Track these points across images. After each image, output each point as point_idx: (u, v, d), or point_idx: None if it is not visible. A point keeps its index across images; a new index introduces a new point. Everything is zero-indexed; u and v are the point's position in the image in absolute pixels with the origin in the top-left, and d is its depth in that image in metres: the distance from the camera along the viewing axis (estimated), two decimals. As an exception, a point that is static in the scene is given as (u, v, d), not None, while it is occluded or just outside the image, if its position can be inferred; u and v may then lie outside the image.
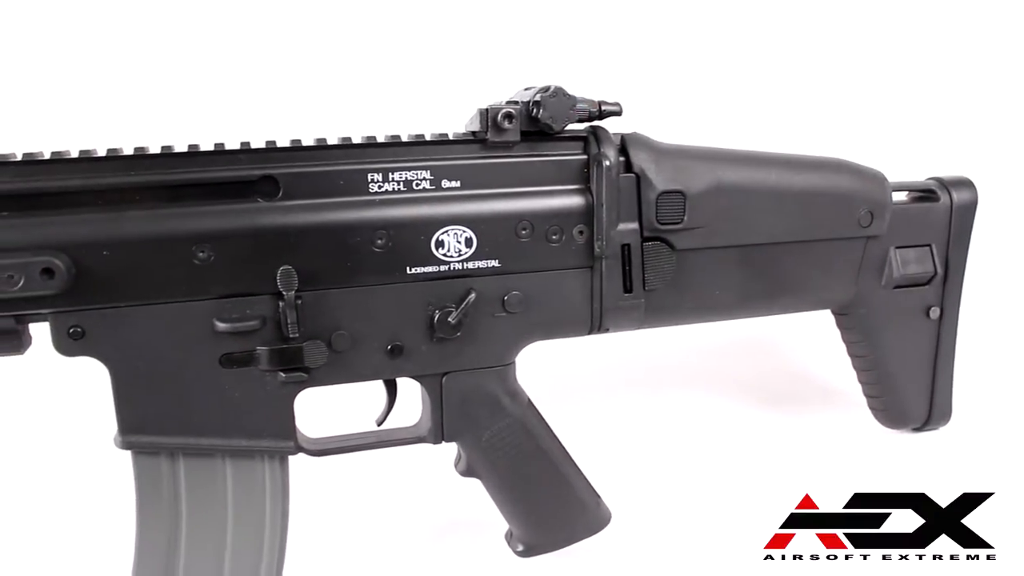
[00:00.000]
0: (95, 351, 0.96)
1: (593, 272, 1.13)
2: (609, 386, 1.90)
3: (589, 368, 1.95)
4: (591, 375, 1.94)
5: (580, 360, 1.92)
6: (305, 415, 1.08)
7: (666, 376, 1.94)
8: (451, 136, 1.07)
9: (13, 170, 0.92)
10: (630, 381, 1.92)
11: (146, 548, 1.02)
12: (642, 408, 1.80)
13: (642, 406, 1.81)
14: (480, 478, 1.19)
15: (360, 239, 1.01)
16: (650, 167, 1.14)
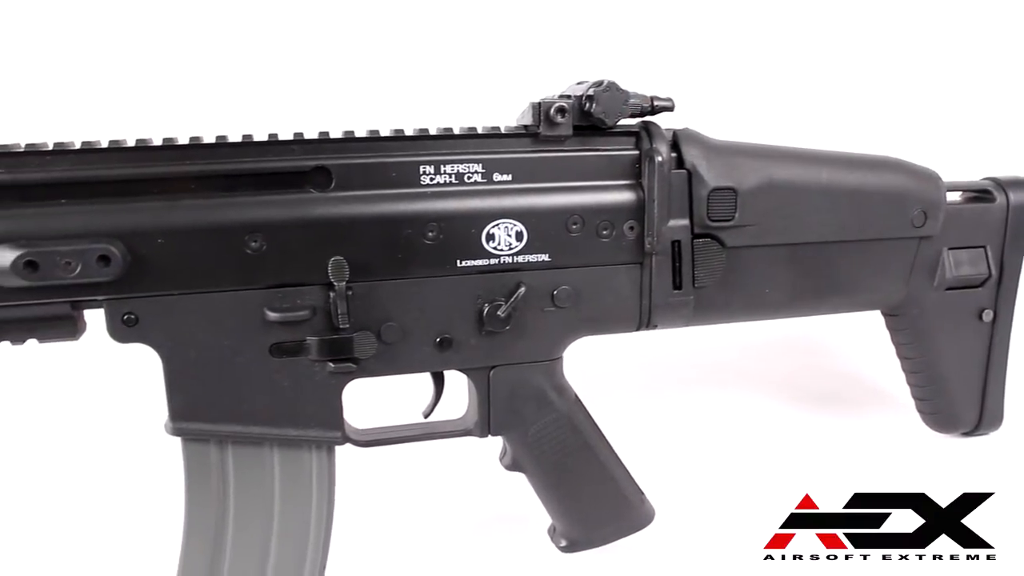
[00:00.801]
0: (148, 338, 0.97)
1: (643, 268, 1.12)
2: (648, 383, 1.89)
3: (632, 364, 1.94)
4: (633, 371, 1.93)
5: (624, 356, 1.91)
6: (351, 406, 1.08)
7: (708, 374, 1.93)
8: (503, 129, 1.06)
9: (72, 158, 0.93)
10: (672, 378, 1.91)
11: (194, 533, 1.03)
12: (677, 406, 1.79)
13: (678, 403, 1.80)
14: (525, 472, 1.19)
15: (411, 231, 1.01)
16: (702, 163, 1.12)
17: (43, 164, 0.92)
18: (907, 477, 1.39)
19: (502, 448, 1.20)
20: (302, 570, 1.06)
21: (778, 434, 1.65)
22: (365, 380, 1.05)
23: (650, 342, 1.41)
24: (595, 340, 1.17)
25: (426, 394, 1.18)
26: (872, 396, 1.80)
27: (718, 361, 1.99)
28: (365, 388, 1.10)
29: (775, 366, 1.97)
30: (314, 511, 1.07)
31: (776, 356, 2.00)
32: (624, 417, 1.62)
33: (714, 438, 1.64)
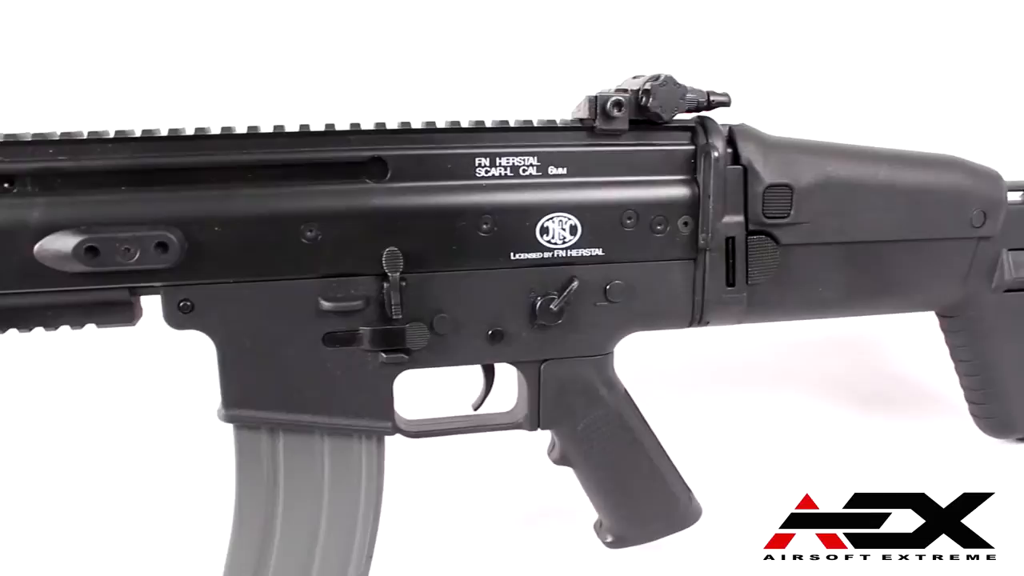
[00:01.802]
0: (203, 325, 0.98)
1: (696, 264, 1.11)
2: (697, 380, 1.88)
3: (680, 361, 1.93)
4: (681, 368, 1.92)
5: (673, 352, 1.90)
6: (401, 396, 1.08)
7: (756, 372, 1.91)
8: (559, 123, 1.06)
9: (133, 146, 0.94)
10: (720, 376, 1.90)
11: (244, 519, 1.04)
12: (723, 403, 1.78)
13: (724, 401, 1.79)
14: (573, 467, 1.18)
15: (466, 223, 1.01)
16: (758, 159, 1.11)
17: (105, 151, 0.93)
18: (907, 477, 1.38)
19: (551, 442, 1.20)
20: (349, 558, 1.07)
21: (822, 434, 1.64)
22: (416, 371, 1.06)
23: (701, 339, 1.39)
24: (645, 336, 1.16)
25: (474, 386, 1.18)
26: (922, 398, 1.77)
27: (767, 360, 1.97)
28: (414, 379, 1.09)
29: (824, 365, 1.95)
30: (362, 500, 1.07)
31: (826, 355, 1.97)
32: (669, 414, 1.60)
33: (752, 437, 1.63)
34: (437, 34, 1.92)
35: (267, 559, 1.04)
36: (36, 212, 0.91)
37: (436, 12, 1.92)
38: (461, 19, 1.93)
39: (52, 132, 0.93)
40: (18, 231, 0.90)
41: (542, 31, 1.94)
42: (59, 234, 0.91)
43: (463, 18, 1.93)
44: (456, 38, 1.92)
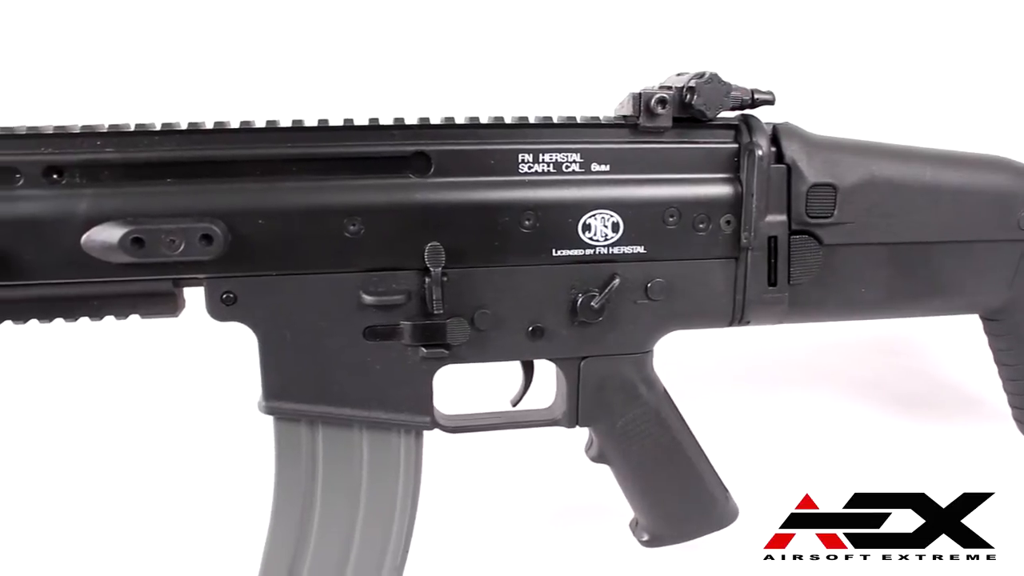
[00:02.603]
0: (245, 317, 0.99)
1: (738, 263, 1.10)
2: (735, 379, 1.87)
3: (720, 360, 1.92)
4: (721, 367, 1.91)
5: (712, 351, 1.89)
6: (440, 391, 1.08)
7: (796, 372, 1.90)
8: (602, 119, 1.05)
9: (178, 138, 0.95)
10: (760, 376, 1.89)
11: (282, 510, 1.05)
12: (760, 403, 1.78)
13: (763, 401, 1.79)
14: (610, 465, 1.18)
15: (508, 219, 1.01)
16: (802, 158, 1.10)
17: (151, 144, 0.94)
18: (907, 477, 1.37)
19: (588, 439, 1.20)
20: (385, 551, 1.07)
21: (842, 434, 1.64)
22: (455, 366, 1.06)
23: (740, 338, 1.39)
24: (685, 334, 1.16)
25: (511, 382, 1.18)
26: (962, 402, 1.76)
27: (807, 360, 1.95)
28: (452, 374, 1.10)
29: (863, 367, 1.93)
30: (400, 494, 1.08)
31: (866, 357, 1.95)
32: (701, 412, 1.60)
33: (771, 436, 1.63)
34: (482, 30, 1.92)
35: (304, 551, 1.05)
36: (83, 203, 0.92)
37: (481, 8, 1.92)
38: (506, 15, 1.93)
39: (100, 124, 0.94)
40: (66, 222, 0.92)
41: (585, 28, 1.93)
42: (106, 225, 0.91)
43: (508, 14, 1.93)
44: (501, 34, 1.92)
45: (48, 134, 0.92)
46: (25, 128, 0.92)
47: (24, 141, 0.92)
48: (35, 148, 0.92)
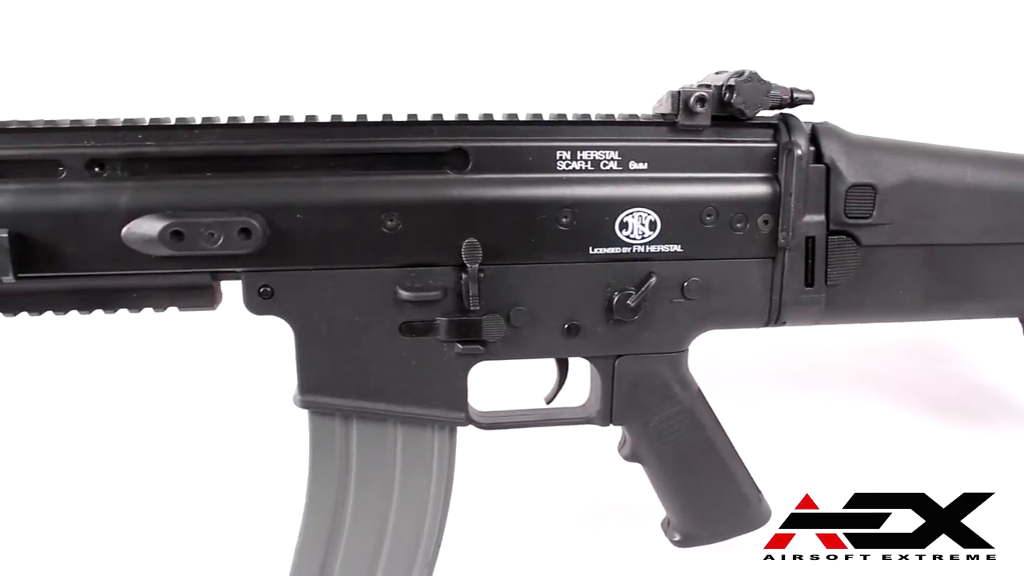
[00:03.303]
0: (282, 311, 0.99)
1: (775, 263, 1.10)
2: (769, 380, 1.86)
3: (754, 360, 1.91)
4: (755, 367, 1.90)
5: (747, 352, 1.88)
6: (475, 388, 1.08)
7: (829, 374, 1.89)
8: (641, 117, 1.05)
9: (218, 132, 0.96)
10: (794, 377, 1.87)
11: (315, 504, 1.05)
12: (791, 405, 1.77)
13: (794, 403, 1.78)
14: (643, 464, 1.18)
15: (545, 216, 1.01)
16: (841, 158, 1.09)
17: (191, 138, 0.95)
18: (907, 477, 1.36)
19: (621, 438, 1.19)
20: (418, 546, 1.08)
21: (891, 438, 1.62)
22: (490, 363, 1.06)
23: (775, 339, 1.38)
24: (720, 334, 1.15)
25: (544, 380, 1.18)
26: (1001, 407, 1.73)
27: (841, 362, 1.94)
28: (485, 371, 1.10)
29: (898, 370, 1.91)
30: (433, 490, 1.08)
31: (901, 360, 1.94)
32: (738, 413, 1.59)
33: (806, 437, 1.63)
34: (520, 27, 1.91)
35: (337, 544, 1.05)
36: (124, 196, 0.93)
37: (520, 5, 1.92)
38: (545, 12, 1.92)
39: (141, 118, 0.94)
40: (107, 214, 0.92)
41: (621, 25, 1.92)
42: (146, 218, 0.92)
43: (547, 11, 1.92)
44: (539, 32, 1.91)
45: (91, 127, 0.93)
46: (68, 121, 0.93)
47: (67, 134, 0.93)
48: (78, 141, 0.93)
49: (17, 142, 0.93)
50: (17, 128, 0.92)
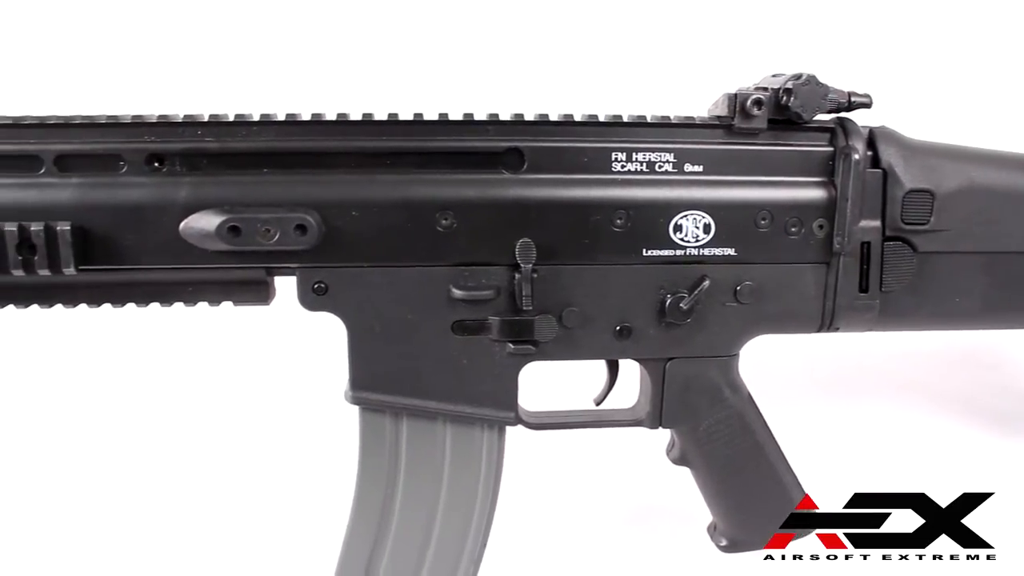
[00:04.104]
0: (336, 308, 1.00)
1: (829, 268, 1.08)
2: (818, 386, 1.84)
3: (806, 366, 1.90)
4: (806, 373, 1.88)
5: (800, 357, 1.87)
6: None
7: (881, 381, 1.86)
8: (697, 120, 1.04)
9: (276, 129, 0.97)
10: (846, 384, 1.85)
11: (363, 500, 1.06)
12: (842, 412, 1.76)
13: (844, 410, 1.76)
14: (691, 468, 1.18)
15: (600, 217, 1.01)
16: (899, 163, 1.08)
17: (249, 134, 0.96)
18: (907, 477, 1.35)
19: (670, 441, 1.19)
20: (464, 543, 1.08)
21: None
22: (542, 363, 1.06)
23: (828, 344, 1.37)
24: (771, 339, 1.14)
25: (587, 381, 1.19)
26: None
27: (893, 369, 1.92)
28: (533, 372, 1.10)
29: (951, 379, 1.89)
30: (480, 488, 1.08)
31: (953, 369, 1.91)
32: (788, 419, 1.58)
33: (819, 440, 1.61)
34: (576, 28, 1.91)
35: (384, 539, 1.06)
36: (183, 191, 0.94)
37: (575, 6, 1.91)
38: (600, 14, 1.92)
39: (200, 114, 0.95)
40: (166, 209, 0.94)
41: (678, 28, 1.91)
42: (204, 213, 0.93)
43: (602, 13, 1.92)
44: (594, 33, 1.91)
45: (151, 123, 0.95)
46: (130, 116, 0.95)
47: (128, 129, 0.95)
48: (139, 136, 0.94)
49: (80, 137, 0.94)
50: (81, 123, 0.94)
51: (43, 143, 0.93)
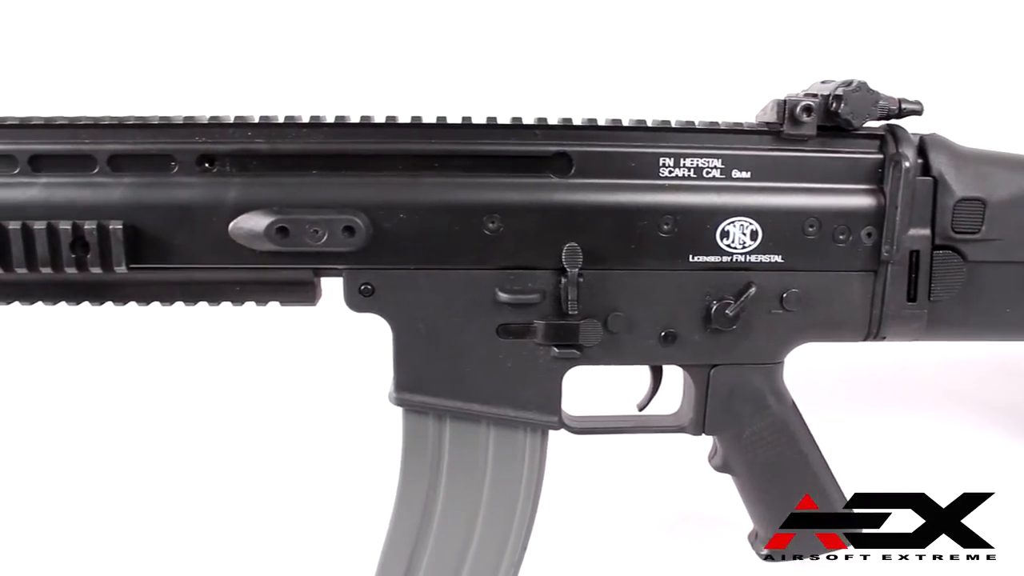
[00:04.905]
0: (382, 309, 1.00)
1: (877, 277, 1.07)
2: (864, 394, 1.82)
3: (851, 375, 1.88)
4: (851, 381, 1.87)
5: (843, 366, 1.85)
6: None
7: (927, 392, 1.84)
8: (745, 126, 1.04)
9: (325, 131, 0.97)
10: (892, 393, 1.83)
11: (405, 501, 1.06)
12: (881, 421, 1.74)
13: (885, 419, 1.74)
14: (734, 475, 1.17)
15: (647, 223, 1.00)
16: (950, 171, 1.07)
17: (299, 136, 0.97)
18: (907, 477, 1.34)
19: (712, 448, 1.19)
20: (505, 546, 1.08)
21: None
22: (586, 368, 1.06)
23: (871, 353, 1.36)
24: (816, 347, 1.13)
25: (629, 387, 1.19)
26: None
27: (938, 379, 1.90)
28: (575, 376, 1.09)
29: (996, 391, 1.86)
30: (522, 491, 1.08)
31: (999, 380, 1.89)
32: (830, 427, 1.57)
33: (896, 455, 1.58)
34: (625, 33, 1.90)
35: (425, 540, 1.07)
36: (233, 192, 0.95)
37: (620, 10, 1.91)
38: (646, 19, 1.91)
39: (251, 115, 0.96)
40: (216, 209, 0.95)
41: (724, 35, 1.90)
42: (253, 213, 0.94)
43: (648, 18, 1.91)
44: (643, 38, 1.90)
45: (203, 124, 0.96)
46: (182, 118, 0.96)
47: (180, 130, 0.96)
48: (190, 137, 0.96)
49: (133, 137, 0.95)
50: (134, 124, 0.95)
51: (97, 143, 0.94)
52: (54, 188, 0.93)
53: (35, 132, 0.94)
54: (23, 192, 0.93)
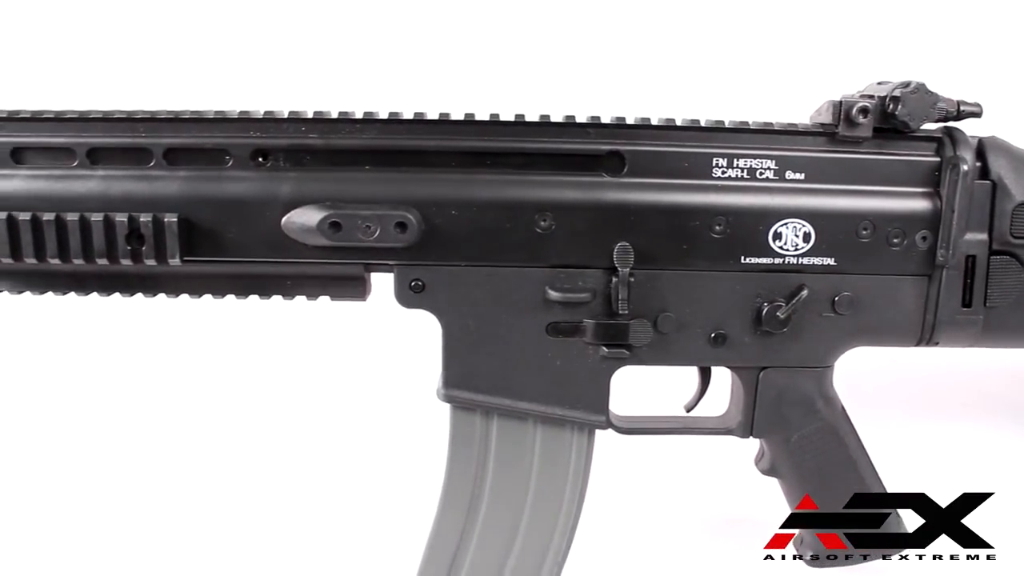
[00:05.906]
0: (432, 306, 1.01)
1: (931, 281, 1.06)
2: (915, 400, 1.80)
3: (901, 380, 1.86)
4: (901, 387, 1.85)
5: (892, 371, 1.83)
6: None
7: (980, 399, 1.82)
8: (799, 127, 1.03)
9: (379, 127, 0.98)
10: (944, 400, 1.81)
11: (451, 498, 1.07)
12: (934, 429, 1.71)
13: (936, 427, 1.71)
14: (781, 479, 1.17)
15: (699, 223, 1.00)
16: (1009, 175, 1.05)
17: (353, 131, 0.97)
18: (907, 477, 1.29)
19: (759, 451, 1.18)
20: (549, 545, 1.08)
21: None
22: (635, 368, 1.06)
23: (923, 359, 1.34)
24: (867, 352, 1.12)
25: (672, 388, 1.18)
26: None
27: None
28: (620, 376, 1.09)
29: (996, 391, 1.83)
30: (568, 490, 1.08)
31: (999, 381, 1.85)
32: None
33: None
34: (679, 32, 1.89)
35: (469, 537, 1.07)
36: (286, 186, 0.95)
37: (673, 11, 1.90)
38: (698, 19, 1.90)
39: (304, 111, 0.96)
40: (269, 203, 0.95)
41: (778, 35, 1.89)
42: (305, 208, 0.95)
43: (700, 18, 1.90)
44: (697, 38, 1.89)
45: (258, 119, 0.96)
46: (237, 112, 0.96)
47: (235, 124, 0.97)
48: (245, 132, 0.96)
49: (189, 131, 0.96)
50: (189, 118, 0.96)
51: (153, 137, 0.95)
52: (111, 181, 0.94)
53: (94, 126, 0.95)
54: (81, 184, 0.94)
